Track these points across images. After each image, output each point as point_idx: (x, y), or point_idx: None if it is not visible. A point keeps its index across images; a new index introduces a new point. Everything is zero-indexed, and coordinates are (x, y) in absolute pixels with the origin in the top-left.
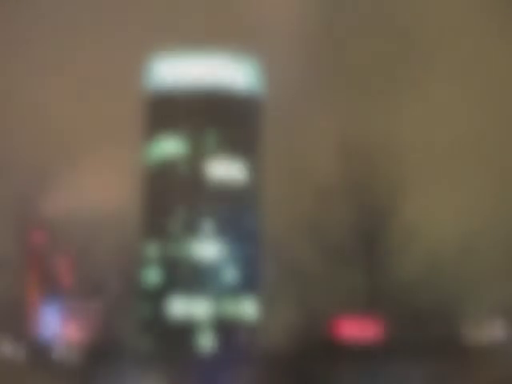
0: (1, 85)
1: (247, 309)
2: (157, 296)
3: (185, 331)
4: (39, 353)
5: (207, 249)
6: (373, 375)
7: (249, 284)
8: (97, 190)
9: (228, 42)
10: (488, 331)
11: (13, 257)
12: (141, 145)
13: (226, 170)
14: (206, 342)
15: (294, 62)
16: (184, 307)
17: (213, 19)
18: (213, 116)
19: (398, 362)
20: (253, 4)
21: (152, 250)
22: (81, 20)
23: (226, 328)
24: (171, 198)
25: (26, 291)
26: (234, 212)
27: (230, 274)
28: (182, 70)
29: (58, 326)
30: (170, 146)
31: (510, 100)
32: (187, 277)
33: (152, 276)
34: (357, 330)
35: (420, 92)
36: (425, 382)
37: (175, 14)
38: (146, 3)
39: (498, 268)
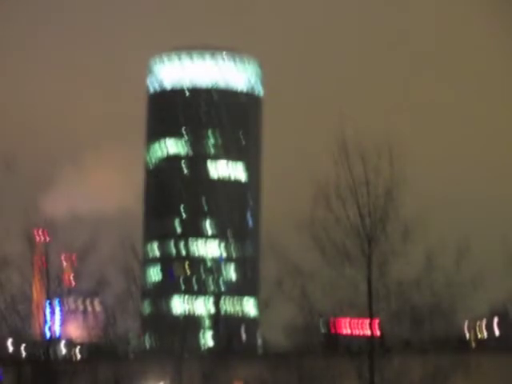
0: (1, 85)
1: (247, 308)
2: (158, 294)
3: (186, 329)
4: (41, 351)
5: (207, 248)
6: (371, 375)
7: (248, 283)
8: (99, 189)
9: (228, 42)
10: (487, 331)
11: (14, 256)
12: (143, 145)
13: (226, 169)
14: (207, 339)
15: (293, 62)
16: (185, 305)
17: (213, 20)
18: (213, 116)
19: (397, 362)
20: (253, 5)
21: (154, 248)
22: (82, 21)
23: (226, 326)
24: (172, 197)
25: (28, 290)
26: (234, 212)
27: (230, 274)
28: (183, 70)
29: (60, 325)
30: (171, 146)
31: (510, 100)
32: (188, 275)
33: (154, 274)
34: (356, 329)
35: (420, 92)
36: (424, 381)
37: (176, 16)
38: (147, 5)
39: (497, 268)
